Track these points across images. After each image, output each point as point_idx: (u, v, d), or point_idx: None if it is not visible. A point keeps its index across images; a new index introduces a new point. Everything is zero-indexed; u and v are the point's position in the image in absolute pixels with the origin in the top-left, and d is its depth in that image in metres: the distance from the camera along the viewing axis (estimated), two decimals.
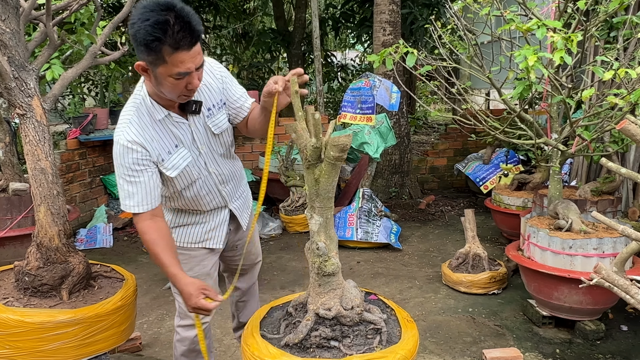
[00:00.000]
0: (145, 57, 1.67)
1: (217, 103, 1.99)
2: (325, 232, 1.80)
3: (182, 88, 1.74)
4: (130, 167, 1.85)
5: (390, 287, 4.17)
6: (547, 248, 3.21)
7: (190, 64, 1.68)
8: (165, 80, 1.70)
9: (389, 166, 6.60)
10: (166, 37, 1.59)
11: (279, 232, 5.63)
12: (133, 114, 1.87)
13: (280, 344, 1.76)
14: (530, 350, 3.16)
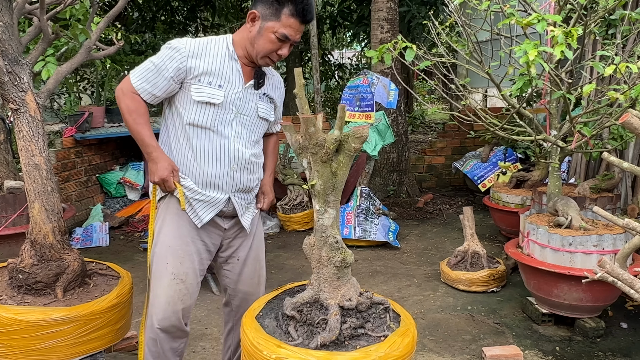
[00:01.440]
0: (263, 8, 1.92)
1: (271, 98, 2.15)
2: (336, 225, 1.85)
3: (274, 50, 1.95)
4: (165, 58, 1.94)
5: (388, 286, 4.14)
6: (547, 245, 3.19)
7: (294, 34, 1.94)
8: (267, 34, 1.92)
9: (387, 164, 6.57)
10: (294, 1, 1.88)
11: (277, 230, 5.60)
12: (203, 39, 2.00)
13: (312, 347, 1.71)
14: (530, 347, 3.14)
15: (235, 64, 2.02)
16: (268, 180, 2.31)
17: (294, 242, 5.28)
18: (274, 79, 2.19)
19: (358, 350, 1.69)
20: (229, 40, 2.03)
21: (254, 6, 1.95)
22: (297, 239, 5.36)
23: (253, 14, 1.94)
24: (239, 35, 2.02)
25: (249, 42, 1.97)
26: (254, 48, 1.96)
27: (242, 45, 2.01)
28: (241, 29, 2.02)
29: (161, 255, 2.08)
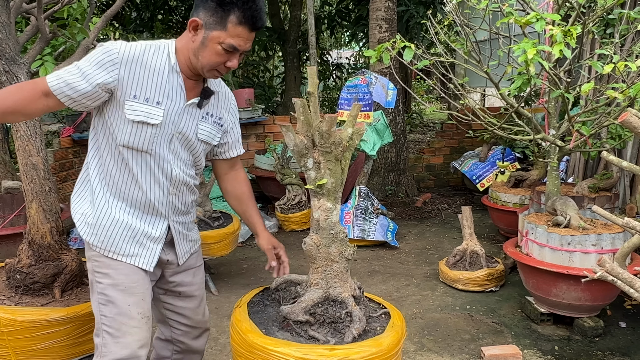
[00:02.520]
0: (206, 16, 1.66)
1: (217, 120, 1.89)
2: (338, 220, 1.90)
3: (221, 62, 1.71)
4: (93, 62, 1.65)
5: (387, 285, 4.14)
6: (546, 244, 3.19)
7: (243, 44, 1.69)
8: (213, 45, 1.67)
9: (386, 164, 6.57)
10: (241, 6, 1.63)
11: (275, 230, 5.59)
12: (141, 44, 1.71)
13: (349, 341, 1.76)
14: (529, 347, 3.14)
15: (177, 77, 1.74)
16: (267, 234, 2.09)
17: (293, 241, 5.27)
18: (223, 97, 1.92)
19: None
20: (171, 47, 1.74)
21: (196, 13, 1.68)
22: (295, 239, 5.35)
23: (195, 22, 1.67)
24: (181, 43, 1.74)
25: (192, 53, 1.71)
26: (198, 60, 1.71)
27: (185, 55, 1.73)
28: (183, 36, 1.75)
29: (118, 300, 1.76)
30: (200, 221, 3.96)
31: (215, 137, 1.89)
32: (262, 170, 6.17)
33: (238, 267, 4.58)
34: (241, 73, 10.38)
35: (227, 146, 1.98)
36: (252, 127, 6.80)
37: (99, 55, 1.64)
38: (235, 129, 2.00)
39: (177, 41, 1.76)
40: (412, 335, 3.31)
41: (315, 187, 1.78)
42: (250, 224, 2.09)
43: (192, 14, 1.70)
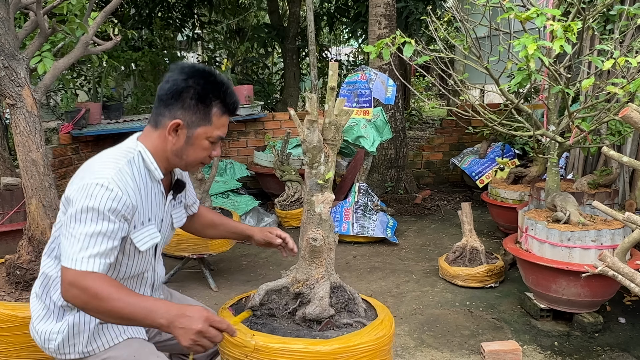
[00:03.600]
0: (186, 115, 1.58)
1: (182, 200, 1.86)
2: None
3: (207, 155, 1.66)
4: (106, 211, 1.47)
5: (387, 281, 4.14)
6: (545, 240, 3.19)
7: (225, 131, 1.66)
8: (200, 142, 1.61)
9: (385, 161, 6.57)
10: (223, 98, 1.58)
11: (275, 227, 5.59)
12: (125, 164, 1.55)
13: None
14: (529, 343, 3.14)
15: (159, 186, 1.66)
16: (257, 228, 2.02)
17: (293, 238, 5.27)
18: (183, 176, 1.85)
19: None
20: (147, 155, 1.61)
21: (172, 113, 1.58)
22: (295, 235, 5.31)
23: (177, 123, 1.57)
24: (155, 146, 1.62)
25: (174, 154, 1.62)
26: (182, 159, 1.63)
27: (162, 158, 1.63)
28: (155, 138, 1.62)
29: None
30: None
31: (182, 216, 1.86)
32: (262, 167, 6.17)
33: (237, 264, 4.58)
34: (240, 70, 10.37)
35: (189, 210, 1.95)
36: (252, 123, 6.79)
37: (107, 204, 1.47)
38: (190, 192, 1.94)
39: (145, 144, 1.62)
40: (412, 331, 3.32)
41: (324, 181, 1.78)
42: (238, 233, 2.04)
43: (166, 115, 1.59)
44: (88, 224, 1.45)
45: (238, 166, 6.24)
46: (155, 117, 1.62)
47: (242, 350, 1.70)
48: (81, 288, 1.43)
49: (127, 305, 1.42)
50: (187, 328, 1.41)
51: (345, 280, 4.18)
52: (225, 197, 5.59)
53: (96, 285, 1.43)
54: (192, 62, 1.52)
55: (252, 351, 1.68)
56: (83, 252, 1.45)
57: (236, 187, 5.73)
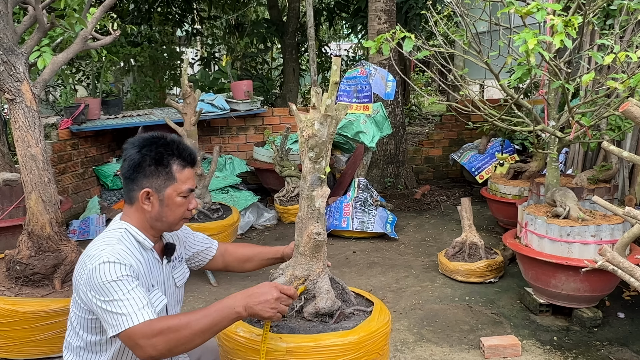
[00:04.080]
0: (151, 181, 1.68)
1: (178, 256, 1.92)
2: None
3: (185, 209, 1.75)
4: (122, 276, 1.55)
5: (386, 277, 4.14)
6: (545, 235, 3.20)
7: (193, 182, 1.75)
8: (173, 201, 1.71)
9: (384, 156, 6.57)
10: (177, 154, 1.69)
11: (274, 222, 5.60)
12: (116, 242, 1.64)
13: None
14: (528, 337, 3.15)
15: (152, 253, 1.75)
16: (289, 245, 2.08)
17: (292, 233, 5.24)
18: (176, 236, 1.94)
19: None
20: (133, 230, 1.71)
21: (138, 184, 1.68)
22: (294, 231, 5.34)
23: (147, 192, 1.68)
24: (136, 219, 1.72)
25: (155, 220, 1.71)
26: (163, 222, 1.72)
27: (148, 228, 1.73)
28: (133, 213, 1.72)
29: None
30: (200, 213, 3.97)
31: (186, 272, 1.93)
32: (261, 163, 6.17)
33: None
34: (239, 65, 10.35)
35: (205, 247, 2.03)
36: (251, 119, 6.78)
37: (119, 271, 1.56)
38: (195, 241, 2.01)
39: (130, 221, 1.72)
40: (412, 326, 3.32)
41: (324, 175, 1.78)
42: (272, 258, 2.11)
43: (134, 189, 1.69)
44: (119, 291, 1.52)
45: (237, 162, 6.24)
46: (128, 195, 1.72)
47: (272, 355, 1.64)
48: (156, 333, 1.49)
49: (201, 319, 1.52)
50: (264, 301, 1.56)
51: (345, 276, 4.19)
52: (224, 193, 5.58)
53: (166, 324, 1.51)
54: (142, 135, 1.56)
55: (285, 354, 1.65)
56: (135, 307, 1.51)
57: (235, 183, 5.73)
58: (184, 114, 3.93)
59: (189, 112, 3.92)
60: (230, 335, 1.76)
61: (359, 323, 1.84)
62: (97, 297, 1.54)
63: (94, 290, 1.54)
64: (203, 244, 2.04)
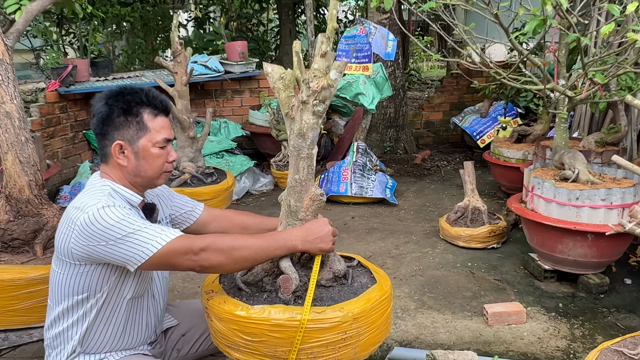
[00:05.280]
0: (122, 132, 1.57)
1: (165, 217, 1.82)
2: None
3: (164, 161, 1.63)
4: (126, 215, 1.47)
5: (386, 243, 4.03)
6: (553, 200, 3.06)
7: (169, 132, 1.64)
8: (149, 152, 1.59)
9: (384, 120, 6.39)
10: (146, 101, 1.59)
11: (271, 187, 5.46)
12: (107, 196, 1.53)
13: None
14: (532, 304, 3.05)
15: (138, 212, 1.64)
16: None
17: None
18: (157, 196, 1.81)
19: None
20: (117, 187, 1.59)
21: (109, 138, 1.57)
22: None
23: (119, 144, 1.57)
24: (116, 177, 1.61)
25: (133, 175, 1.60)
26: (143, 176, 1.61)
27: (127, 185, 1.62)
28: (111, 170, 1.61)
29: None
30: (193, 177, 3.82)
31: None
32: (257, 127, 5.98)
33: None
34: (234, 26, 10.03)
35: (189, 208, 1.89)
36: (246, 81, 6.56)
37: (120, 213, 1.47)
38: (180, 202, 1.88)
39: (114, 177, 1.60)
40: (412, 293, 3.22)
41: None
42: (273, 226, 1.85)
43: (107, 144, 1.59)
44: (131, 226, 1.46)
45: (232, 125, 6.05)
46: (102, 153, 1.62)
47: (339, 328, 1.50)
48: (201, 246, 1.48)
49: (254, 239, 1.54)
50: (323, 235, 1.59)
51: (343, 242, 4.08)
52: (219, 157, 5.42)
53: (209, 238, 1.54)
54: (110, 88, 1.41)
55: (353, 322, 1.51)
56: (157, 232, 1.48)
57: (231, 147, 5.56)
58: (174, 73, 3.74)
59: (180, 72, 3.73)
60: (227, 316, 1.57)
61: (371, 277, 1.74)
62: (104, 242, 1.43)
63: (96, 237, 1.43)
64: (187, 205, 1.91)
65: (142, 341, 1.69)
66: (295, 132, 1.61)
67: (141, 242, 1.44)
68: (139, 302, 1.65)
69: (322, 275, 1.64)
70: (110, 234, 1.43)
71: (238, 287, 1.62)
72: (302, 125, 1.59)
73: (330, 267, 1.66)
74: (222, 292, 1.61)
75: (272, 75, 1.62)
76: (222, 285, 1.65)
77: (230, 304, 1.54)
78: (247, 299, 1.57)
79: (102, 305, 1.57)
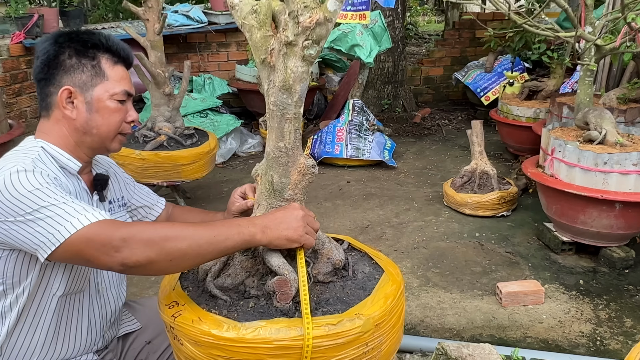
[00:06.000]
0: (74, 77, 1.25)
1: (118, 199, 1.46)
2: None
3: (121, 120, 1.31)
4: (45, 183, 1.13)
5: (385, 210, 3.68)
6: (576, 164, 2.70)
7: (130, 86, 1.33)
8: (104, 105, 1.27)
9: (381, 75, 5.93)
10: (106, 45, 1.29)
11: (259, 149, 5.06)
12: (30, 162, 1.17)
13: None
14: (550, 281, 2.73)
15: (79, 182, 1.29)
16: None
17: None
18: (112, 172, 1.46)
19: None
20: (52, 148, 1.25)
21: (56, 86, 1.25)
22: None
23: (67, 90, 1.24)
24: (56, 136, 1.26)
25: (81, 132, 1.26)
26: (93, 134, 1.27)
27: (71, 145, 1.27)
28: (52, 126, 1.27)
29: None
30: (170, 139, 3.41)
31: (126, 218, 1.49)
32: (244, 83, 5.52)
33: (217, 191, 4.09)
34: None
35: (146, 211, 1.55)
36: (233, 33, 6.04)
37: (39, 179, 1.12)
38: (140, 193, 1.54)
39: (47, 139, 1.26)
40: (415, 268, 2.89)
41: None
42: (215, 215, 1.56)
43: (52, 91, 1.25)
44: (47, 198, 1.10)
45: (218, 82, 5.59)
46: (43, 104, 1.28)
47: (359, 341, 1.12)
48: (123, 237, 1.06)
49: (201, 229, 1.11)
50: (290, 220, 1.15)
51: (338, 209, 3.73)
52: (203, 117, 4.99)
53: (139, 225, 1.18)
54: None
55: (375, 330, 1.14)
56: (78, 210, 1.09)
57: (216, 105, 5.11)
58: (145, 20, 3.27)
59: (152, 18, 3.26)
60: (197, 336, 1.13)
61: (372, 264, 1.38)
62: (12, 217, 1.08)
63: (2, 210, 1.09)
64: (149, 199, 1.54)
65: (83, 349, 1.32)
66: (278, 84, 1.19)
67: (54, 221, 1.07)
68: (75, 299, 1.28)
69: (318, 269, 1.28)
70: (18, 207, 1.08)
71: (210, 294, 1.23)
72: (287, 75, 1.18)
73: (328, 257, 1.29)
74: (190, 302, 1.18)
75: (240, 8, 1.20)
76: (187, 292, 1.25)
77: (209, 321, 1.11)
78: (228, 312, 1.16)
79: (25, 305, 1.20)
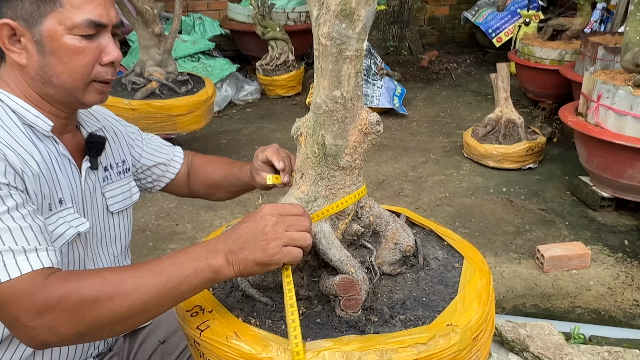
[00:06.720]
0: (16, 7, 0.88)
1: (118, 164, 1.12)
2: None
3: (92, 62, 0.92)
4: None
5: (400, 163, 3.38)
6: (628, 112, 2.40)
7: (103, 11, 0.91)
8: (60, 43, 0.89)
9: (386, 14, 5.48)
10: None
11: (257, 96, 4.68)
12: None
13: None
14: (592, 242, 2.49)
15: (56, 146, 0.96)
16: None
17: (279, 110, 4.41)
18: (110, 129, 1.12)
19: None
20: (17, 103, 0.92)
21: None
22: (282, 107, 4.48)
23: (8, 26, 0.88)
24: (16, 84, 0.93)
25: (41, 82, 0.92)
26: (55, 85, 0.92)
27: (36, 99, 0.94)
28: (6, 72, 0.94)
29: None
30: (162, 86, 3.04)
31: (132, 191, 1.15)
32: (238, 23, 5.06)
33: (215, 143, 3.74)
34: None
35: (164, 169, 1.24)
36: None
37: None
38: (151, 146, 1.22)
39: (5, 87, 0.93)
40: None
41: None
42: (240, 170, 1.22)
43: None
44: None
45: (209, 22, 5.12)
46: None
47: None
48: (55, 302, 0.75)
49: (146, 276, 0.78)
50: (255, 237, 0.79)
51: None
52: (195, 61, 4.57)
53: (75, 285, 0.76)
54: None
55: (472, 346, 0.84)
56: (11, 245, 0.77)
57: (208, 49, 4.68)
58: None
59: None
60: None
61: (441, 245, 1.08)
62: None
63: None
64: (163, 153, 1.22)
65: (78, 356, 1.03)
66: (334, 9, 0.85)
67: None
68: None
69: (383, 257, 0.97)
70: None
71: (244, 294, 0.93)
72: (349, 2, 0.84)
73: (395, 242, 0.99)
74: (218, 307, 0.88)
75: None
76: (213, 291, 0.94)
77: (250, 338, 0.80)
78: (273, 321, 0.86)
79: None
